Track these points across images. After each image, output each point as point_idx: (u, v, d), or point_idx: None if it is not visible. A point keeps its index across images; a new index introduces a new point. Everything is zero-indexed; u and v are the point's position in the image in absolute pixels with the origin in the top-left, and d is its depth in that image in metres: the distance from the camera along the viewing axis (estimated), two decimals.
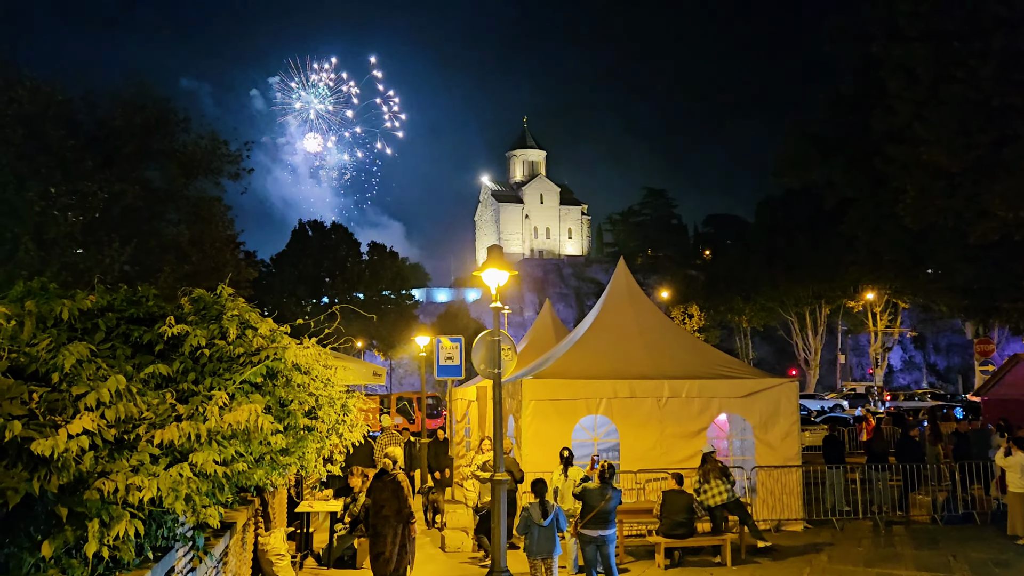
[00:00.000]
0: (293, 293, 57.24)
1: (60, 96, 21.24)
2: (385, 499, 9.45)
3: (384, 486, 9.54)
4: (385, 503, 9.43)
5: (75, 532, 2.76)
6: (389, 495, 9.45)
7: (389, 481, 9.55)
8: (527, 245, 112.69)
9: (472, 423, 20.97)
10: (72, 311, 4.58)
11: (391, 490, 9.48)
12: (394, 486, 9.53)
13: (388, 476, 9.60)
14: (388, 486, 9.52)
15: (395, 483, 9.56)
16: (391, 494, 9.45)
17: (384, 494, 9.48)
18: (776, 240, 53.33)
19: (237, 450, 4.24)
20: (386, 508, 9.40)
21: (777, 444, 14.34)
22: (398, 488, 9.52)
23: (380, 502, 9.49)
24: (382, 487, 9.55)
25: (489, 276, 10.27)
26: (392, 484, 9.54)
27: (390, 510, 9.39)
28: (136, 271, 21.72)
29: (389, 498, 9.44)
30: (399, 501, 9.42)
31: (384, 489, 9.52)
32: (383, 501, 9.47)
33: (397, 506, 9.42)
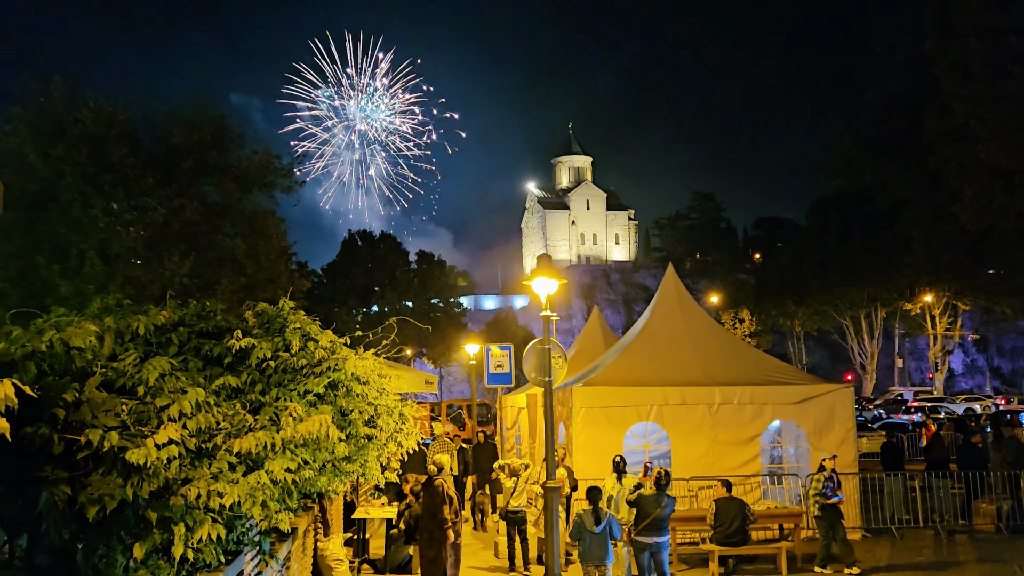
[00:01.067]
0: (344, 303, 58.18)
1: (122, 116, 22.04)
2: (434, 505, 9.72)
3: (431, 492, 9.81)
4: (436, 509, 9.72)
5: (162, 535, 2.95)
6: (437, 501, 9.72)
7: (436, 488, 9.83)
8: (574, 251, 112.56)
9: (522, 430, 21.08)
10: (148, 326, 4.83)
11: (437, 496, 9.76)
12: (439, 492, 9.83)
13: (435, 482, 9.88)
14: (434, 492, 9.78)
15: (439, 489, 9.86)
16: (438, 500, 9.73)
17: (432, 500, 9.76)
18: (828, 242, 52.38)
19: (304, 458, 4.44)
20: (437, 513, 9.71)
21: (833, 451, 14.13)
22: (440, 494, 9.83)
23: (430, 508, 9.76)
24: (431, 493, 9.82)
25: (539, 285, 10.39)
26: (438, 490, 9.83)
27: (437, 516, 9.67)
28: (195, 284, 22.39)
29: (436, 504, 9.71)
30: (440, 507, 9.74)
31: (432, 495, 9.80)
32: (433, 508, 9.73)
33: (442, 512, 9.71)
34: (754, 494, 13.70)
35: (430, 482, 9.89)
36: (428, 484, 9.89)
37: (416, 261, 65.71)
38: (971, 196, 21.58)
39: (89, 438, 2.65)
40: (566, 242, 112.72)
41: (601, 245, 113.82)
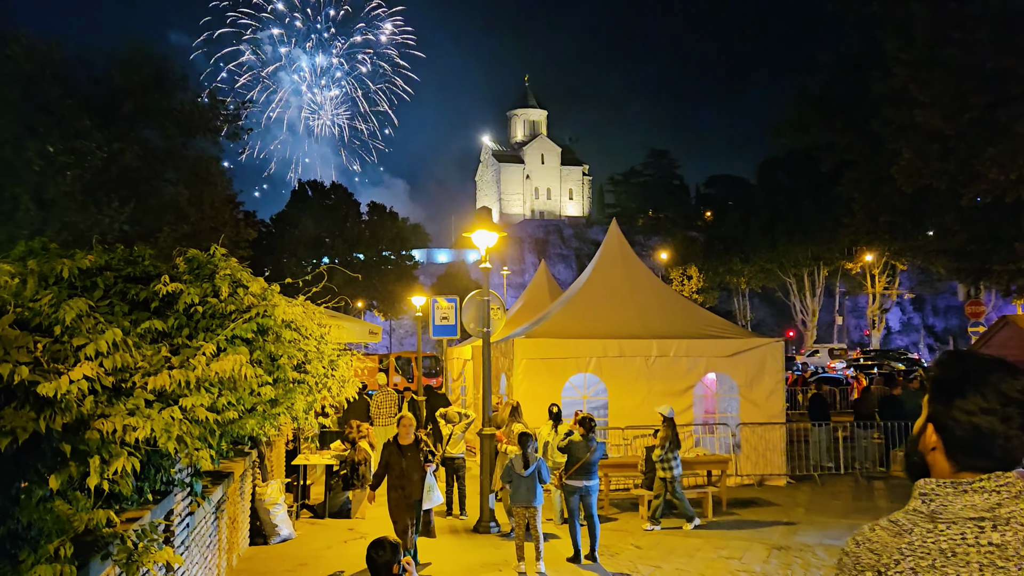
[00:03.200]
0: (293, 254, 57.53)
1: (57, 55, 21.29)
2: (417, 466, 8.95)
3: (415, 453, 8.98)
4: (418, 471, 8.94)
5: (78, 468, 3.07)
6: (420, 461, 8.98)
7: (421, 449, 9.09)
8: (528, 206, 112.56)
9: (468, 382, 21.40)
10: (72, 270, 4.86)
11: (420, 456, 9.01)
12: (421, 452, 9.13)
13: (421, 444, 9.12)
14: (418, 454, 9.01)
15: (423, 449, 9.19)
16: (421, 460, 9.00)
17: (415, 460, 8.94)
18: (777, 202, 53.31)
19: (228, 400, 4.57)
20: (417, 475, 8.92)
21: (762, 402, 14.74)
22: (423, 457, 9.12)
23: (411, 468, 8.89)
24: (415, 453, 8.97)
25: (479, 237, 10.53)
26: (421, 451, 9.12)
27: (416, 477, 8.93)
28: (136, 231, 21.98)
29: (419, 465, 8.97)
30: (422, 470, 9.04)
31: (416, 456, 8.97)
32: (415, 469, 8.92)
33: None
34: (687, 443, 14.23)
35: (418, 442, 9.04)
36: (416, 444, 9.00)
37: (368, 212, 65.08)
38: (908, 159, 22.20)
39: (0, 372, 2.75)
40: (520, 196, 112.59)
41: (555, 200, 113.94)
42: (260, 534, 9.96)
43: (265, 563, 9.16)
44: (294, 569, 8.98)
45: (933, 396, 1.82)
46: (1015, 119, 19.21)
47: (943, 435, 1.77)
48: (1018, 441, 1.70)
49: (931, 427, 1.81)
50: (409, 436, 9.06)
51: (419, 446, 9.03)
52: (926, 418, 1.84)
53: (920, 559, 1.66)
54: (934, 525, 1.69)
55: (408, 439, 9.05)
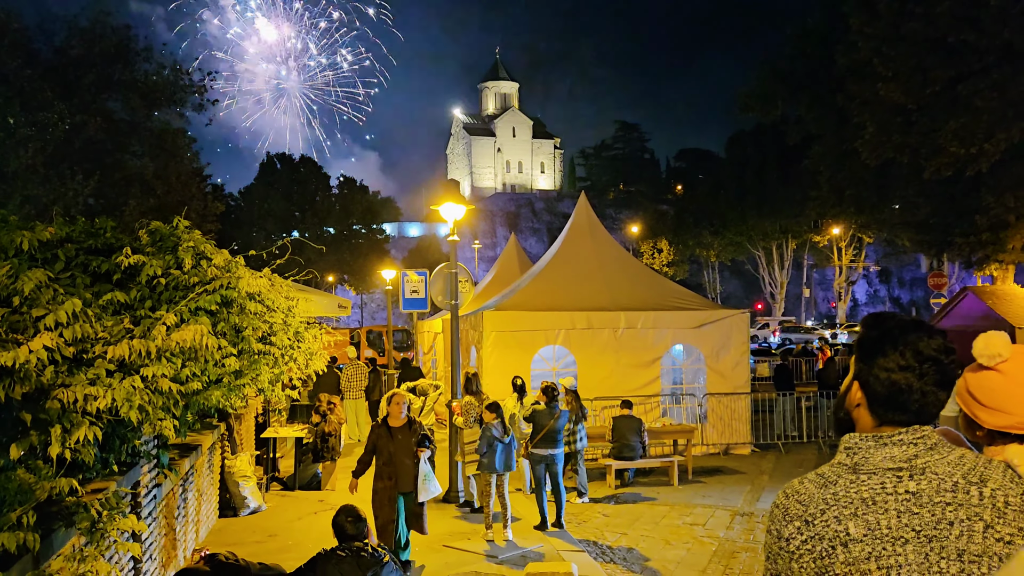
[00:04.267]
0: (263, 227, 56.94)
1: (15, 24, 20.74)
2: (409, 448, 7.87)
3: (410, 432, 7.94)
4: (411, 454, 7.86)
5: (40, 437, 3.11)
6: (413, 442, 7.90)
7: (416, 428, 8.02)
8: (499, 179, 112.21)
9: (439, 355, 21.50)
10: (32, 242, 4.84)
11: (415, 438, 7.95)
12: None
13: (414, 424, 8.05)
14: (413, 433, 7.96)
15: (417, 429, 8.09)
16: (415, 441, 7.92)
17: (408, 441, 7.87)
18: (745, 175, 53.69)
19: (192, 371, 4.60)
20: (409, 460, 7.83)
21: (728, 372, 15.01)
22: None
23: (401, 451, 7.81)
24: (410, 433, 7.92)
25: (446, 210, 10.55)
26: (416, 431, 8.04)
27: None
28: (101, 205, 21.65)
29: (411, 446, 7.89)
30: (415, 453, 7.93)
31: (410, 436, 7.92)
32: (406, 451, 7.85)
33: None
34: (654, 413, 14.49)
35: (411, 423, 7.96)
36: (411, 423, 7.94)
37: (338, 186, 64.50)
38: (872, 132, 22.48)
39: None
40: (491, 169, 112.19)
41: (527, 174, 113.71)
42: (230, 506, 10.02)
43: (235, 535, 9.23)
44: (263, 540, 9.05)
45: (858, 355, 1.92)
46: (975, 93, 19.52)
47: (866, 391, 1.87)
48: (933, 396, 1.81)
49: (856, 384, 1.91)
50: (400, 416, 7.91)
51: (412, 427, 7.89)
52: (852, 376, 1.94)
53: (843, 508, 1.77)
54: (856, 476, 1.80)
55: (399, 420, 7.90)
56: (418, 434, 7.91)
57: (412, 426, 7.98)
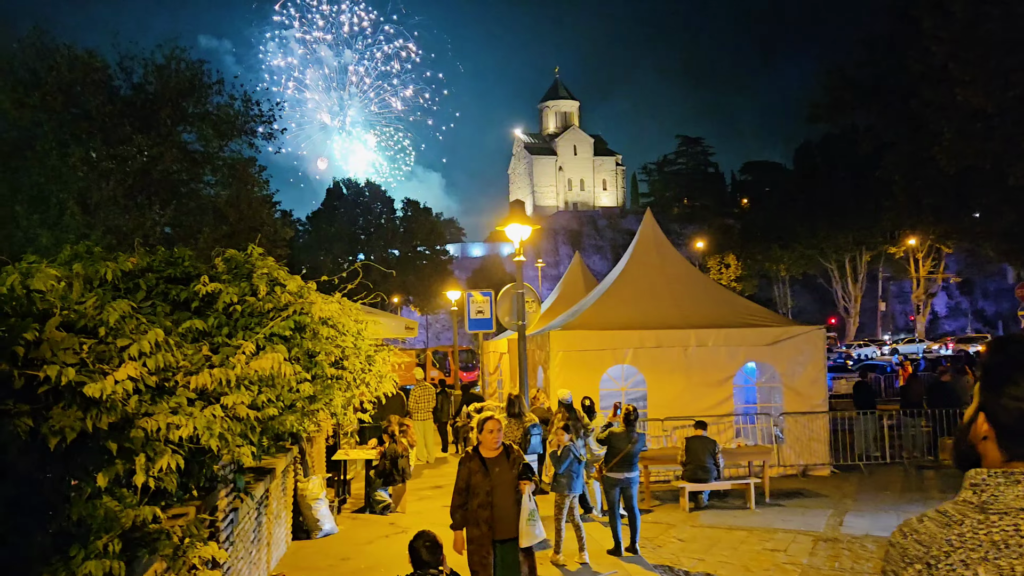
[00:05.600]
0: (330, 251, 58.15)
1: (97, 63, 21.70)
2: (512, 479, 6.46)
3: (512, 461, 6.53)
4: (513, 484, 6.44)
5: (124, 465, 3.15)
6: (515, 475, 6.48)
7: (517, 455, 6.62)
8: (561, 198, 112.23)
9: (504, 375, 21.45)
10: (115, 272, 4.98)
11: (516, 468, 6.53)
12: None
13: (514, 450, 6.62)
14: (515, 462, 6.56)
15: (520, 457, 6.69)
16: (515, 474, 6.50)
17: (511, 472, 6.47)
18: (815, 186, 52.49)
19: (268, 397, 4.63)
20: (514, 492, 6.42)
21: (804, 391, 14.54)
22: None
23: (502, 484, 6.40)
24: (512, 462, 6.52)
25: (512, 231, 10.53)
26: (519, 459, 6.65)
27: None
28: (177, 233, 22.37)
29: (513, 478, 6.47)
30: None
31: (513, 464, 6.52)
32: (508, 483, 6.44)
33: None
34: (727, 433, 14.12)
35: (508, 452, 6.53)
36: (508, 452, 6.52)
37: (402, 209, 65.51)
38: (950, 139, 21.69)
39: (47, 373, 2.82)
40: (553, 188, 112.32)
41: (588, 191, 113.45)
42: (302, 529, 10.10)
43: (308, 558, 9.29)
44: (336, 564, 9.09)
45: (983, 384, 1.76)
46: None
47: (993, 423, 1.72)
48: None
49: (982, 416, 1.76)
50: (495, 445, 6.46)
51: (511, 457, 6.47)
52: (976, 406, 1.78)
53: (971, 551, 1.61)
54: (985, 516, 1.65)
55: (495, 449, 6.46)
56: (519, 464, 6.49)
57: (510, 455, 6.49)
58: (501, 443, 6.55)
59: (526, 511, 6.37)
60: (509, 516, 6.33)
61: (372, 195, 63.82)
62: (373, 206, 62.52)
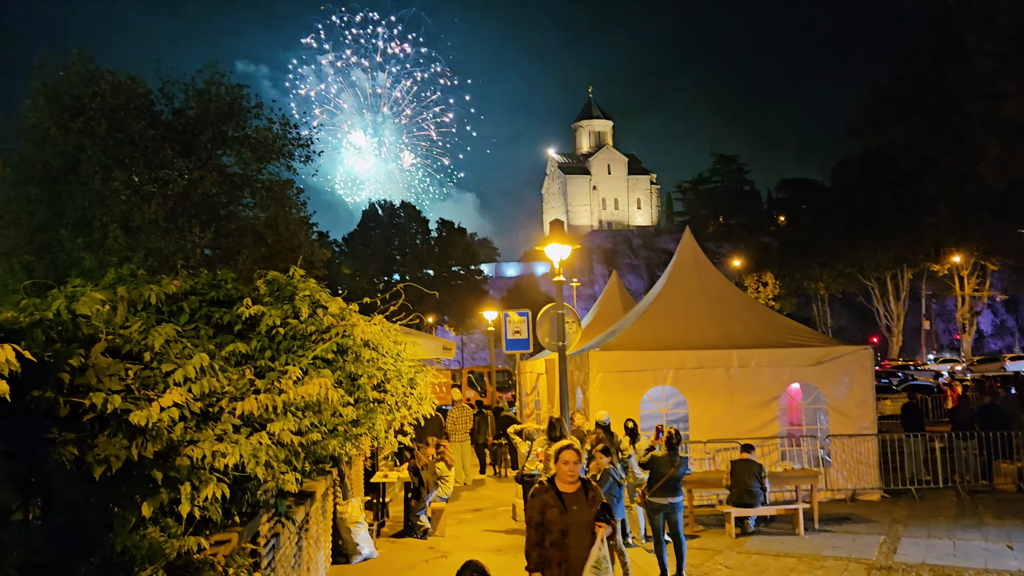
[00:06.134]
0: (365, 272, 58.56)
1: (140, 89, 22.14)
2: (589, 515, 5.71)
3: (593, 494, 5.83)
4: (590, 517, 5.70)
5: (169, 494, 3.06)
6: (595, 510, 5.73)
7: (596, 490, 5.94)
8: (595, 217, 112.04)
9: (541, 396, 21.26)
10: (159, 295, 4.96)
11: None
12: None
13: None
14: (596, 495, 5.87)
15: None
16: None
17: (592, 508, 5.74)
18: (854, 203, 51.62)
19: (311, 421, 4.54)
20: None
21: (851, 412, 14.15)
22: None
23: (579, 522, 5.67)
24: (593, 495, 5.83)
25: (551, 250, 10.41)
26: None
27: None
28: (216, 255, 22.62)
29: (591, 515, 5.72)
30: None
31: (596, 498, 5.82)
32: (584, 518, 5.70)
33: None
34: (772, 456, 13.77)
35: (587, 488, 5.81)
36: (586, 488, 5.81)
37: (437, 229, 65.85)
38: (996, 153, 21.15)
39: (93, 401, 2.75)
40: (587, 207, 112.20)
41: (623, 210, 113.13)
42: (342, 553, 10.00)
43: None
44: None
45: None
46: None
47: None
48: None
49: None
50: (574, 478, 5.76)
51: (589, 494, 5.77)
52: None
53: None
54: None
55: (573, 483, 5.76)
56: (597, 503, 5.73)
57: (589, 492, 5.77)
58: (580, 477, 5.83)
59: (594, 556, 5.63)
60: (581, 556, 5.62)
61: (407, 216, 64.32)
62: (408, 227, 62.97)
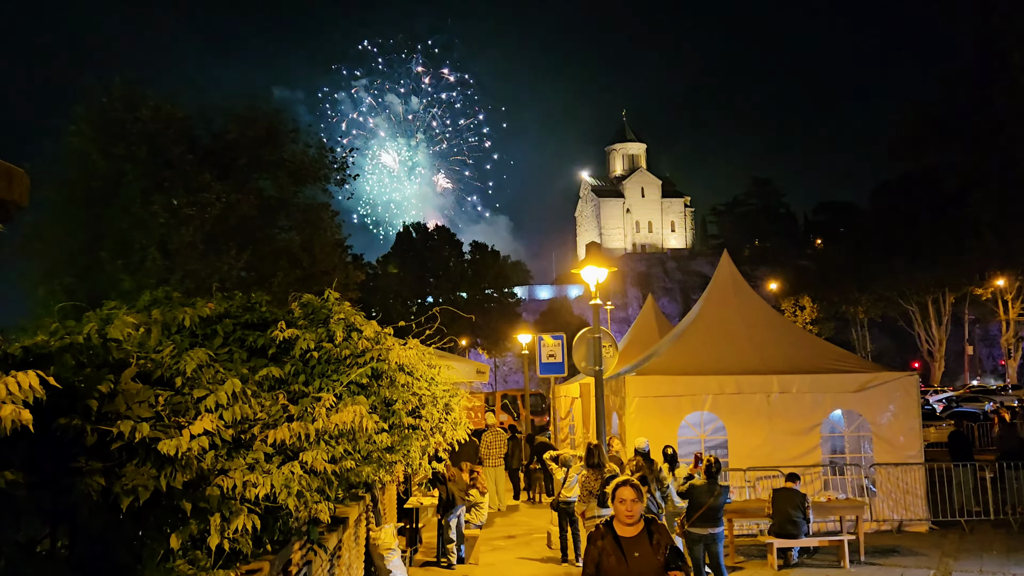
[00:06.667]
0: (399, 294, 58.76)
1: (180, 114, 22.56)
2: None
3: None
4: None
5: (199, 525, 2.95)
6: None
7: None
8: (629, 240, 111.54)
9: (576, 420, 20.98)
10: (193, 318, 4.90)
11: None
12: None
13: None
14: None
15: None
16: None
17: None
18: (894, 226, 50.73)
19: (345, 448, 4.42)
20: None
21: (896, 440, 13.71)
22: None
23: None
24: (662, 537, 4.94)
25: (588, 273, 10.25)
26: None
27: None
28: (252, 277, 22.82)
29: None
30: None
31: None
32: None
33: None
34: (814, 485, 13.35)
35: (650, 531, 4.91)
36: (650, 530, 4.91)
37: (470, 252, 65.99)
38: None
39: (120, 429, 2.66)
40: (620, 230, 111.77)
41: (657, 233, 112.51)
42: None
43: None
44: None
45: None
46: None
47: None
48: None
49: None
50: (633, 519, 4.91)
51: (654, 538, 4.86)
52: None
53: None
54: None
55: (632, 524, 4.91)
56: (664, 547, 4.84)
57: (654, 535, 4.88)
58: (642, 516, 4.96)
59: None
60: None
61: (440, 239, 64.55)
62: (441, 250, 63.18)
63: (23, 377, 2.19)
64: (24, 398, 2.20)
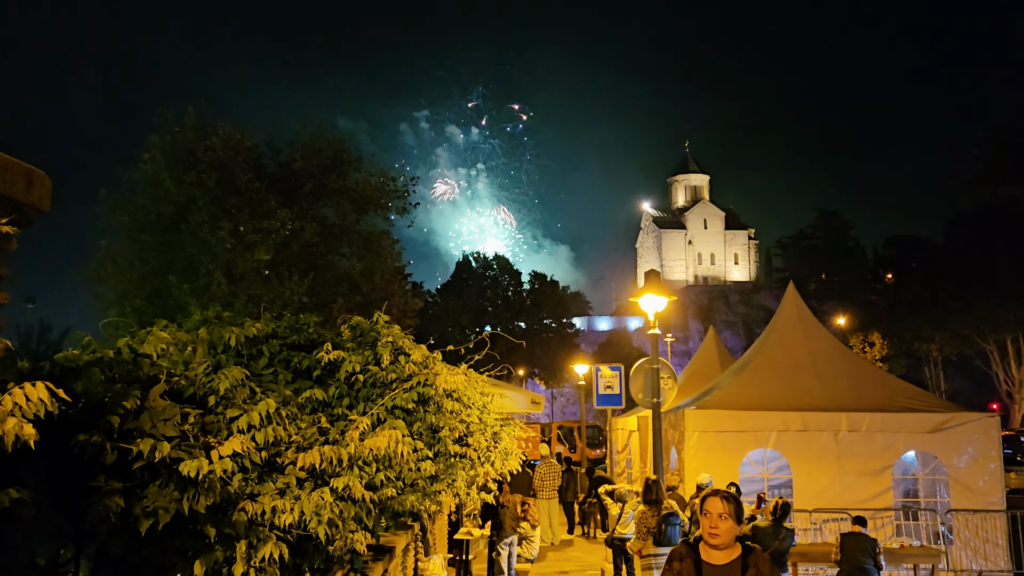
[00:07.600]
0: (457, 322, 58.96)
1: (248, 143, 23.11)
2: None
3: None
4: None
5: (224, 552, 2.81)
6: None
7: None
8: (691, 272, 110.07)
9: (633, 454, 20.48)
10: (239, 338, 4.83)
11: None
12: None
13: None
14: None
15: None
16: None
17: None
18: (970, 261, 48.76)
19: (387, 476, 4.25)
20: None
21: (975, 485, 12.92)
22: None
23: None
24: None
25: (646, 302, 9.97)
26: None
27: None
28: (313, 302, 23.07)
29: None
30: None
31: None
32: None
33: None
34: (886, 530, 12.67)
35: (746, 558, 4.21)
36: (745, 561, 4.20)
37: (530, 281, 65.95)
38: None
39: (140, 448, 2.54)
40: (682, 262, 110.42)
41: (719, 265, 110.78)
42: None
43: None
44: None
45: None
46: None
47: None
48: None
49: None
50: (721, 539, 4.19)
51: (748, 570, 4.14)
52: None
53: None
54: None
55: (723, 550, 4.22)
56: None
57: (749, 566, 4.16)
58: (738, 540, 4.24)
59: None
60: None
61: (500, 268, 64.70)
62: (501, 279, 63.30)
63: (31, 390, 2.08)
64: (35, 412, 2.09)
